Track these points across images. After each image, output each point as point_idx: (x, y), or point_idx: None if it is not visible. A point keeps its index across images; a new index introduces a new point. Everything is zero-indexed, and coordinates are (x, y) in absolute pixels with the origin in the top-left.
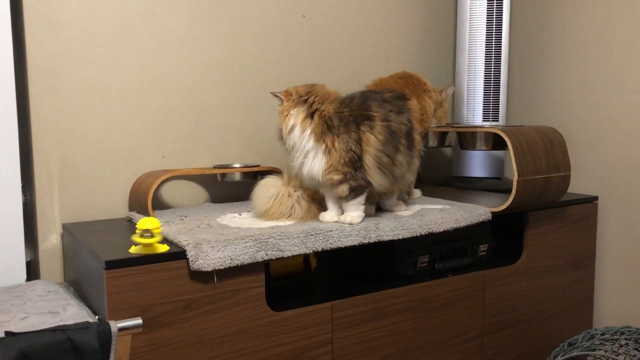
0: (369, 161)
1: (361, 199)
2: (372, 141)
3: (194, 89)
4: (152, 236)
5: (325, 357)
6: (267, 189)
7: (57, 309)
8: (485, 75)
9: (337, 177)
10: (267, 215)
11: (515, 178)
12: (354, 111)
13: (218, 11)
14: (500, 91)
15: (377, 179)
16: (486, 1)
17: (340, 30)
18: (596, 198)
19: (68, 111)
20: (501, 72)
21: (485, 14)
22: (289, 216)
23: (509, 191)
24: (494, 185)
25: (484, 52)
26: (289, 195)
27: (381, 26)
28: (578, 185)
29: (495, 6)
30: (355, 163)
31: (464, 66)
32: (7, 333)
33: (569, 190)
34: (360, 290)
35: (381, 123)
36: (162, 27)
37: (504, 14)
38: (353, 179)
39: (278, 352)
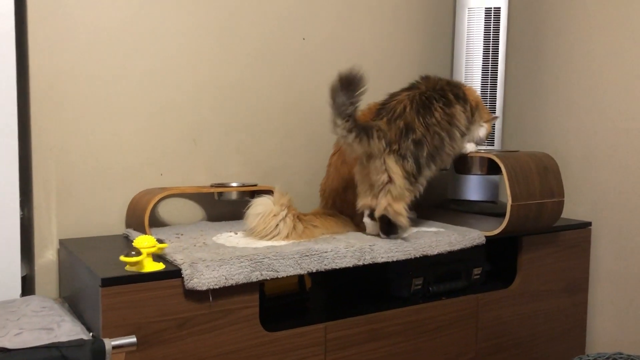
0: None
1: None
2: None
3: (193, 107)
4: (138, 254)
5: None
6: (255, 208)
7: (51, 325)
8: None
9: None
10: (253, 233)
11: (509, 203)
12: None
13: (219, 32)
14: None
15: None
16: (483, 28)
17: (338, 54)
18: (590, 224)
19: (68, 128)
20: (497, 98)
21: (482, 40)
22: (273, 234)
23: (504, 215)
24: (490, 208)
25: (480, 77)
26: (275, 215)
27: (379, 52)
28: (572, 211)
29: (492, 33)
30: None
31: None
32: (1, 349)
33: (562, 216)
34: (354, 312)
35: None
36: (162, 46)
37: (500, 40)
38: None
39: None
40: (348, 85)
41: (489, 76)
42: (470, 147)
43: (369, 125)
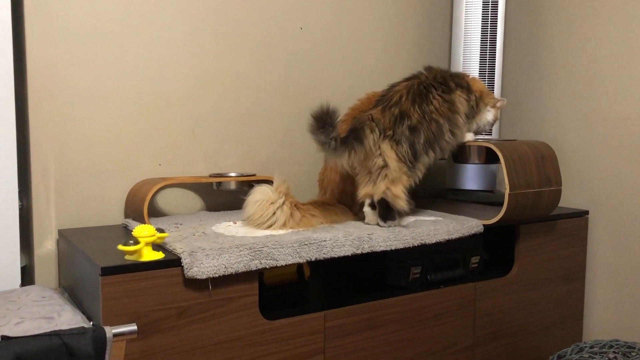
0: None
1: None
2: None
3: (191, 98)
4: (136, 243)
5: None
6: (253, 195)
7: (51, 314)
8: None
9: None
10: (250, 220)
11: (506, 192)
12: None
13: (217, 22)
14: None
15: None
16: (480, 20)
17: (336, 43)
18: (587, 212)
19: (66, 118)
20: (495, 87)
21: (480, 31)
22: (271, 222)
23: (501, 204)
24: (487, 198)
25: (478, 68)
26: (272, 203)
27: (377, 40)
28: (569, 200)
29: (489, 25)
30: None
31: None
32: (3, 337)
33: (560, 205)
34: (352, 300)
35: None
36: (160, 37)
37: (498, 32)
38: None
39: None
40: (324, 125)
41: (487, 66)
42: (469, 137)
43: (359, 125)
